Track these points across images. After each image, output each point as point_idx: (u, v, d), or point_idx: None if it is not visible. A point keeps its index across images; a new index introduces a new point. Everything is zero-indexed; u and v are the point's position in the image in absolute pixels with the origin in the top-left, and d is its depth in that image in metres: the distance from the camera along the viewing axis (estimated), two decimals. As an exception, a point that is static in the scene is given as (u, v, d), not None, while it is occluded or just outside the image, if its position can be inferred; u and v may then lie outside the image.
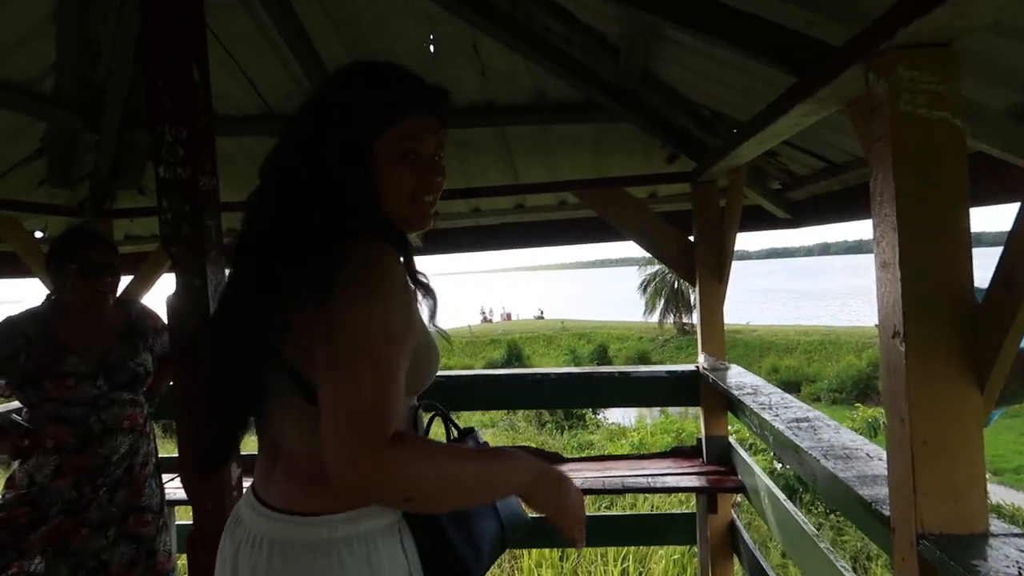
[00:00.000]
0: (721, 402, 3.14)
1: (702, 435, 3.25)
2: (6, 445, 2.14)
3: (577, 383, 3.42)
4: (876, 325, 1.30)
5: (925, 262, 1.15)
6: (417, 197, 1.03)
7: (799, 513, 2.27)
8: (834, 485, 1.55)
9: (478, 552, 1.06)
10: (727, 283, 3.25)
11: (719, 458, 3.16)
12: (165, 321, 2.04)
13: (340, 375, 0.87)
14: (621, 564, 4.99)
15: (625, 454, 3.47)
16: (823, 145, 2.62)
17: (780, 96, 1.71)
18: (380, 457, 0.84)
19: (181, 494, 2.54)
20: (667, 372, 3.31)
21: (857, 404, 11.64)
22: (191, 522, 1.84)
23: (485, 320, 53.13)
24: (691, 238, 3.32)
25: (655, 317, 38.41)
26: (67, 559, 2.12)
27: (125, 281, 3.20)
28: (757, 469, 2.80)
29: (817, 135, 2.44)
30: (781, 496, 2.43)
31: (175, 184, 1.64)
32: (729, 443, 3.19)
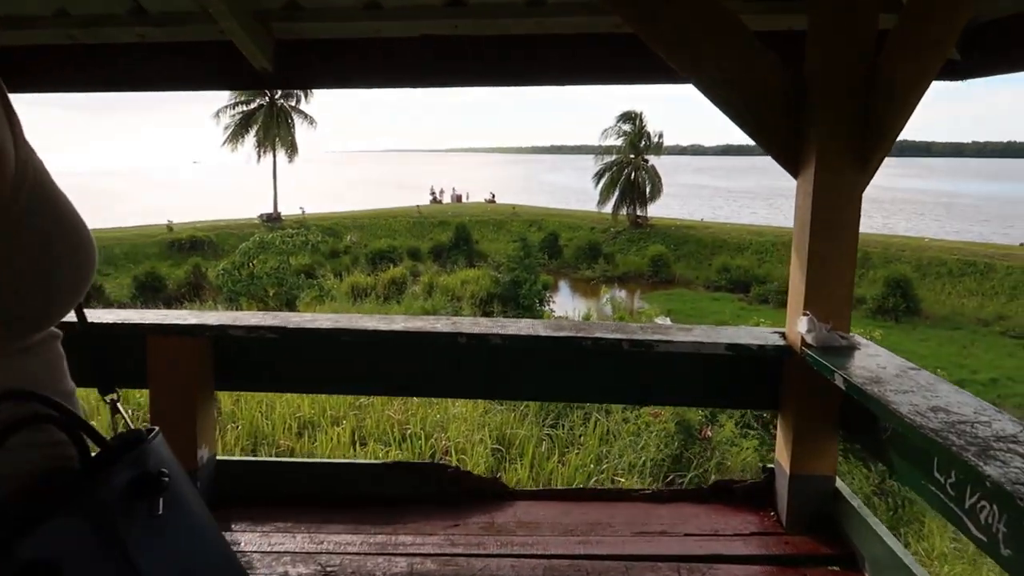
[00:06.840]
0: (828, 408, 1.57)
1: (784, 467, 1.69)
2: None
3: (548, 351, 1.76)
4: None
5: None
6: None
7: None
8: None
9: None
10: (873, 174, 1.60)
11: (812, 522, 1.63)
12: None
13: None
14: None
15: (619, 488, 1.90)
16: None
17: None
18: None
19: None
20: (728, 344, 1.68)
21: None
22: None
23: (435, 201, 50.67)
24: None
25: (608, 208, 36.98)
26: None
27: None
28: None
29: None
30: None
31: None
32: (837, 490, 1.64)
